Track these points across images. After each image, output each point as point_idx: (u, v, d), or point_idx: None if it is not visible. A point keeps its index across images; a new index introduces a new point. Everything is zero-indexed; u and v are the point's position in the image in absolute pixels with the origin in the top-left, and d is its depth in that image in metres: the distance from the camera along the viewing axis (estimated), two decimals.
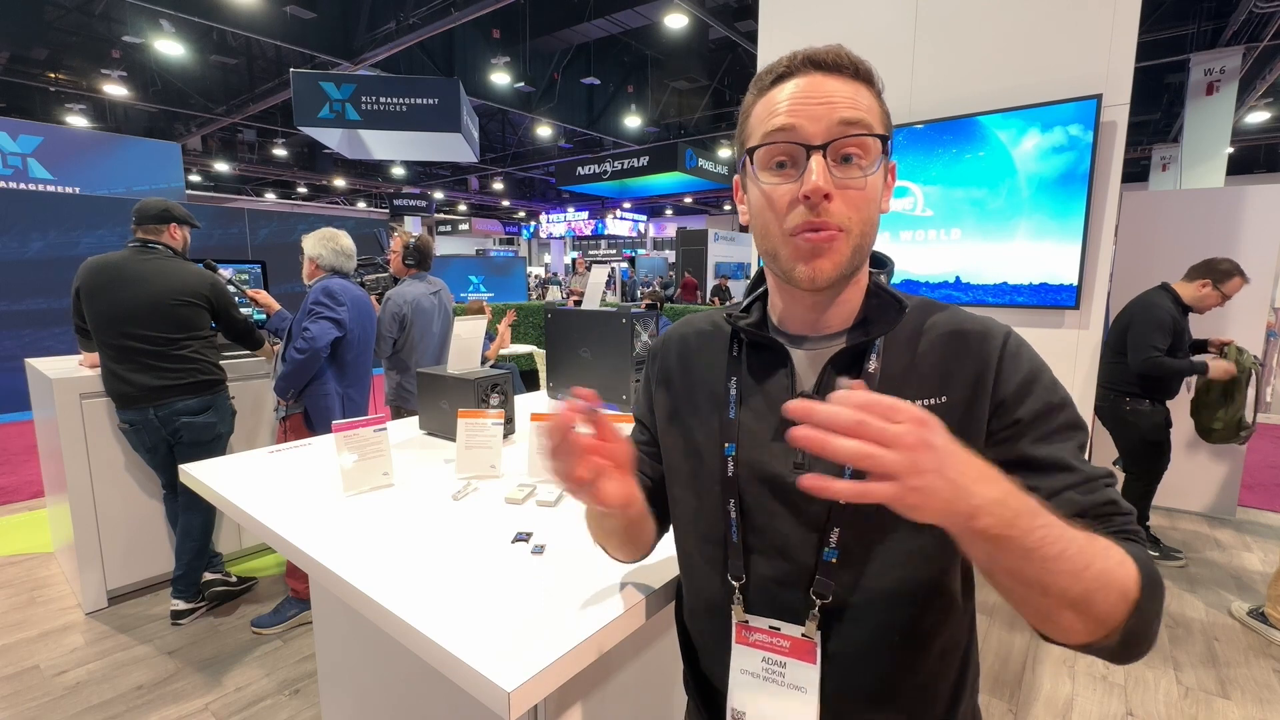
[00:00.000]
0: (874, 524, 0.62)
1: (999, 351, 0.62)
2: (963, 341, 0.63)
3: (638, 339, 1.85)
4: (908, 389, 0.62)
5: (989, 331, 0.63)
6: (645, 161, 10.16)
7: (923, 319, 0.66)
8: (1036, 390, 0.60)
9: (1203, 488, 3.71)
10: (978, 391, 0.61)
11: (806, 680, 0.64)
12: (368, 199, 20.71)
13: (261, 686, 2.07)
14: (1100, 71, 2.05)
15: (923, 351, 0.64)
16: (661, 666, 1.07)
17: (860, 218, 0.59)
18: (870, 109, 0.60)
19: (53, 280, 5.17)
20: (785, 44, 2.71)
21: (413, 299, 2.90)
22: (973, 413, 0.61)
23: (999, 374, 0.61)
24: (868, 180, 0.59)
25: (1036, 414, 0.59)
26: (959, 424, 0.60)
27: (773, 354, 0.68)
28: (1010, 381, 0.61)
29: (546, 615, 0.79)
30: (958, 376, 0.62)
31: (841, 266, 0.60)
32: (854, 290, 0.66)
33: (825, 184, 0.56)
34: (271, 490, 1.25)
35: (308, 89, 6.11)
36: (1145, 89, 8.68)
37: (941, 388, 0.62)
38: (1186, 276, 2.92)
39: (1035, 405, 0.60)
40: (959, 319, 0.65)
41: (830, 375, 0.64)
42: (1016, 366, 0.61)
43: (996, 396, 0.61)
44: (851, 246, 0.60)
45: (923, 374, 0.63)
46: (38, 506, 3.61)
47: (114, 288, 2.23)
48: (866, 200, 0.59)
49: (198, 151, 13.31)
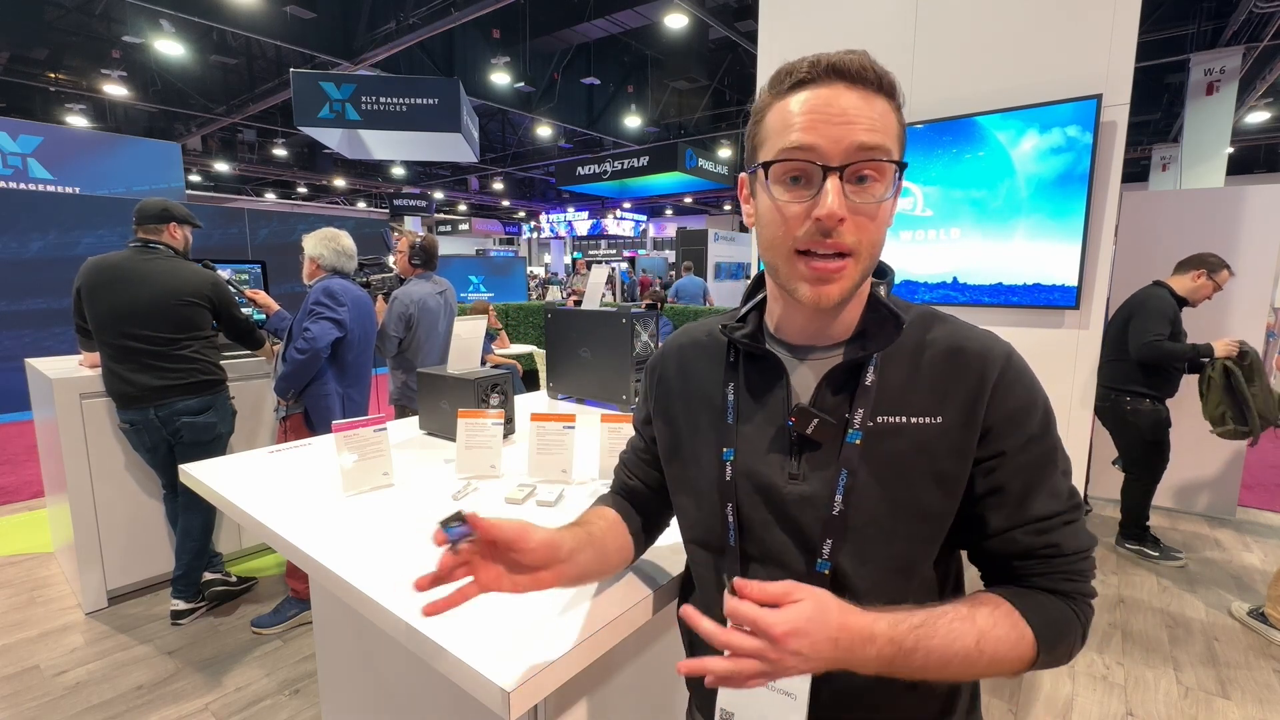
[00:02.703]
0: (866, 538, 0.62)
1: (996, 376, 0.61)
2: (962, 360, 0.62)
3: (638, 339, 1.85)
4: (905, 406, 0.62)
5: (989, 352, 0.62)
6: (645, 161, 10.16)
7: (923, 332, 0.65)
8: (1024, 422, 0.61)
9: (1203, 488, 3.71)
10: (971, 415, 0.61)
11: (796, 687, 0.64)
12: (368, 199, 20.70)
13: (261, 686, 2.07)
14: (1100, 71, 2.05)
15: (922, 368, 0.63)
16: (662, 666, 1.07)
17: (869, 240, 0.59)
18: (888, 129, 0.58)
19: (53, 280, 5.17)
20: (785, 44, 2.72)
21: (419, 298, 2.91)
22: (965, 434, 0.61)
23: (992, 399, 0.61)
24: (880, 206, 0.58)
25: (1019, 446, 0.61)
26: (951, 446, 0.61)
27: (769, 365, 0.67)
28: (1002, 408, 0.61)
29: (546, 615, 0.79)
30: (954, 397, 0.61)
31: (847, 291, 0.60)
32: (853, 303, 0.65)
33: (840, 209, 0.56)
34: (271, 490, 1.25)
35: (308, 89, 6.10)
36: (1145, 89, 8.69)
37: (937, 407, 0.62)
38: (1178, 270, 2.94)
39: (1019, 438, 0.61)
40: (960, 335, 0.64)
41: (826, 390, 0.64)
42: (1011, 394, 0.61)
43: (986, 421, 0.61)
44: (860, 270, 0.60)
45: (920, 391, 0.62)
46: (38, 506, 3.61)
47: (115, 287, 2.23)
48: (878, 225, 0.59)
49: (198, 151, 13.32)
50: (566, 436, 1.29)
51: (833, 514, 0.62)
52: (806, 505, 0.64)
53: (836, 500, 0.62)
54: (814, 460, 0.64)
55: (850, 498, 0.61)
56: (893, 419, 0.62)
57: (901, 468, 0.61)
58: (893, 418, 0.62)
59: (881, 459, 0.62)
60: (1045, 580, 0.61)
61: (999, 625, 0.57)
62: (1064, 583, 0.60)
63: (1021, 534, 0.61)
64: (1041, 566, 0.61)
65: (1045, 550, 0.60)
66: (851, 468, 0.62)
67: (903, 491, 0.61)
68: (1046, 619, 0.59)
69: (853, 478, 0.62)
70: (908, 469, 0.61)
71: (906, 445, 0.61)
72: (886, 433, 0.62)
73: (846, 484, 0.62)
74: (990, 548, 0.63)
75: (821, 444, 0.63)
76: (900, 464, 0.61)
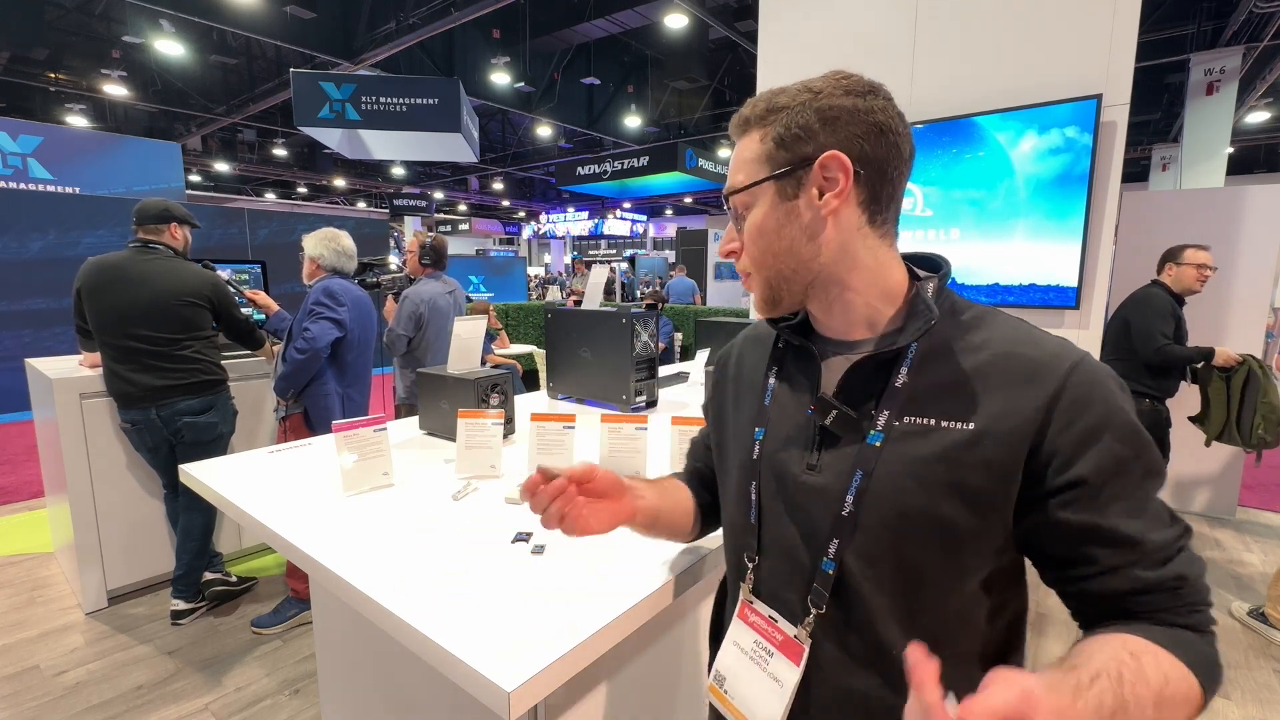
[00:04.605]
0: (876, 540, 0.60)
1: (1058, 387, 0.55)
2: (1013, 366, 0.57)
3: (637, 339, 1.85)
4: (936, 408, 0.58)
5: (1051, 359, 0.56)
6: (645, 161, 10.15)
7: (977, 332, 0.60)
8: (1106, 440, 0.54)
9: (1203, 488, 3.71)
10: (1015, 429, 0.55)
11: (786, 677, 0.65)
12: (368, 199, 20.70)
13: (261, 686, 2.07)
14: (1100, 71, 2.05)
15: (965, 369, 0.59)
16: (662, 666, 1.07)
17: (754, 258, 0.65)
18: (745, 163, 0.64)
19: (53, 280, 5.17)
20: (785, 44, 2.72)
21: (429, 298, 2.92)
22: (1003, 450, 0.55)
23: (1052, 415, 0.54)
24: (748, 227, 0.65)
25: (1105, 471, 0.54)
26: (982, 458, 0.56)
27: (806, 355, 0.69)
28: (1071, 428, 0.54)
29: (546, 615, 0.79)
30: (994, 405, 0.56)
31: (767, 298, 0.67)
32: (847, 299, 0.64)
33: (725, 246, 0.68)
34: (271, 490, 1.26)
35: (308, 89, 6.10)
36: (1145, 89, 8.68)
37: (970, 413, 0.57)
38: (1158, 272, 2.96)
39: (1103, 460, 0.54)
40: (1018, 338, 0.59)
41: (853, 384, 0.63)
42: (1081, 409, 0.54)
43: (1049, 444, 0.54)
44: (763, 281, 0.66)
45: (956, 394, 0.58)
46: (38, 506, 3.61)
47: (115, 288, 2.23)
48: (757, 243, 0.65)
49: (198, 151, 13.31)
50: (566, 436, 1.30)
51: (842, 514, 0.61)
52: (817, 498, 0.63)
53: (848, 500, 0.61)
54: (833, 455, 0.63)
55: (862, 499, 0.60)
56: (921, 420, 0.59)
57: (921, 472, 0.58)
58: (921, 419, 0.59)
59: (903, 461, 0.59)
60: (1173, 615, 0.53)
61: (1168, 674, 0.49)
62: (1192, 615, 0.53)
63: (1142, 570, 0.53)
64: (1170, 600, 0.53)
65: (1173, 583, 0.53)
66: (867, 469, 0.60)
67: (918, 497, 0.58)
68: (1197, 656, 0.51)
69: (867, 479, 0.60)
70: (927, 474, 0.58)
71: (931, 449, 0.58)
72: (913, 433, 0.59)
73: (860, 485, 0.60)
74: (1110, 587, 0.55)
75: (841, 438, 0.63)
76: (921, 468, 0.58)
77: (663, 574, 0.90)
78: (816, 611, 0.63)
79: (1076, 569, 0.56)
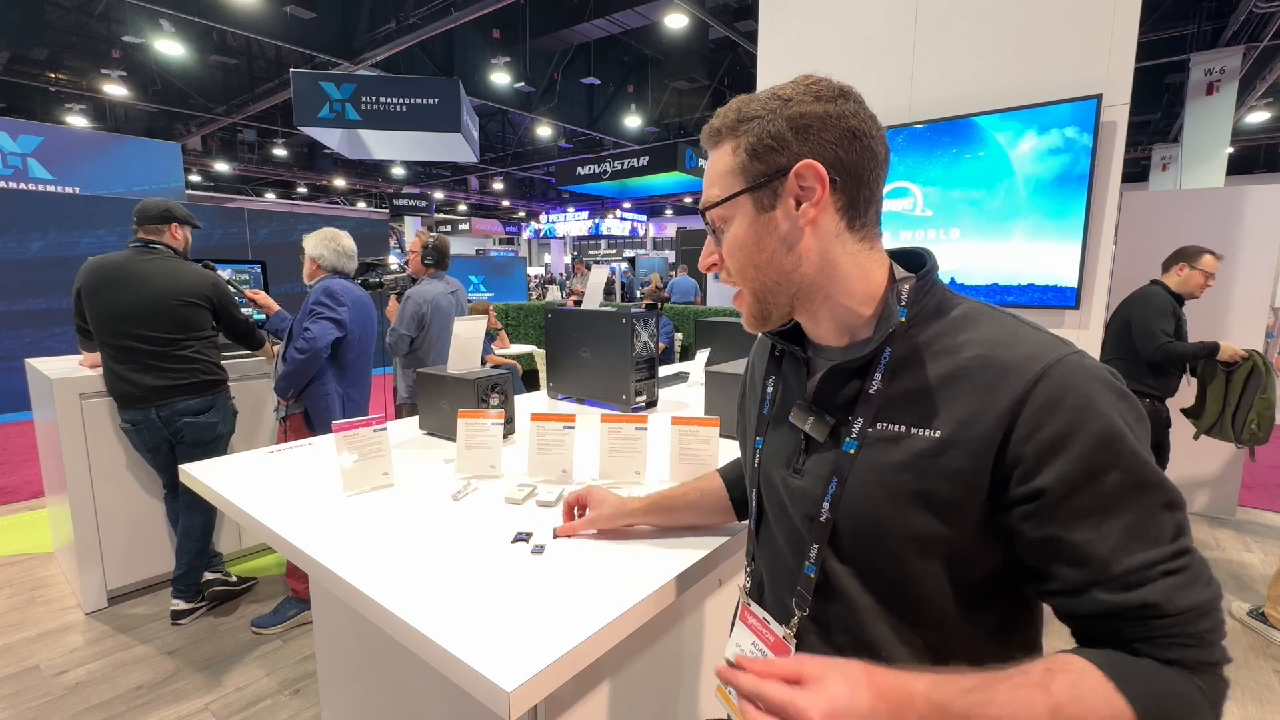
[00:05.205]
0: (854, 547, 0.60)
1: (1023, 392, 0.51)
2: (986, 369, 0.54)
3: (637, 339, 1.85)
4: (908, 413, 0.57)
5: (1023, 361, 0.53)
6: (645, 161, 10.16)
7: (958, 332, 0.58)
8: (1076, 448, 0.49)
9: (1203, 488, 3.71)
10: (983, 436, 0.52)
11: None
12: (368, 199, 20.71)
13: (261, 686, 2.07)
14: (1100, 71, 2.05)
15: (939, 373, 0.57)
16: (662, 667, 1.07)
17: (737, 270, 0.64)
18: (720, 176, 0.63)
19: (53, 280, 5.17)
20: (785, 44, 2.72)
21: (432, 298, 2.93)
22: (968, 459, 0.53)
23: (1017, 421, 0.51)
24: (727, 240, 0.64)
25: (1071, 481, 0.49)
26: (946, 468, 0.54)
27: (797, 361, 0.70)
28: (1036, 435, 0.50)
29: (546, 615, 0.79)
30: (961, 411, 0.54)
31: (755, 313, 0.66)
32: (831, 306, 0.63)
33: (707, 259, 0.67)
34: (271, 490, 1.25)
35: (308, 89, 6.11)
36: (1145, 89, 8.68)
37: (935, 419, 0.55)
38: (1165, 268, 2.95)
39: (1069, 470, 0.49)
40: (999, 338, 0.56)
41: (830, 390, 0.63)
42: (1048, 414, 0.50)
43: (1012, 452, 0.51)
44: (751, 294, 0.65)
45: (926, 399, 0.56)
46: (38, 506, 3.61)
47: (116, 288, 2.23)
48: (736, 256, 0.64)
49: (198, 151, 13.32)
50: (566, 436, 1.29)
51: (820, 519, 0.62)
52: (800, 503, 0.65)
53: (824, 506, 0.61)
54: (815, 460, 0.64)
55: (838, 505, 0.60)
56: (893, 427, 0.58)
57: (890, 480, 0.57)
58: (893, 425, 0.58)
59: (875, 469, 0.58)
60: (1149, 647, 0.48)
61: (1083, 698, 0.46)
62: (1173, 649, 0.48)
63: (1102, 591, 0.49)
64: (1140, 630, 0.48)
65: (1139, 610, 0.48)
66: (842, 476, 0.60)
67: (888, 506, 0.57)
68: (1151, 691, 0.46)
69: (841, 486, 0.60)
70: (896, 483, 0.56)
71: (900, 456, 0.57)
72: (885, 440, 0.58)
73: (835, 492, 0.60)
74: (1071, 608, 0.52)
75: (822, 444, 0.64)
76: (890, 476, 0.57)
77: (663, 574, 0.90)
78: (800, 613, 0.64)
79: (1044, 584, 0.53)
